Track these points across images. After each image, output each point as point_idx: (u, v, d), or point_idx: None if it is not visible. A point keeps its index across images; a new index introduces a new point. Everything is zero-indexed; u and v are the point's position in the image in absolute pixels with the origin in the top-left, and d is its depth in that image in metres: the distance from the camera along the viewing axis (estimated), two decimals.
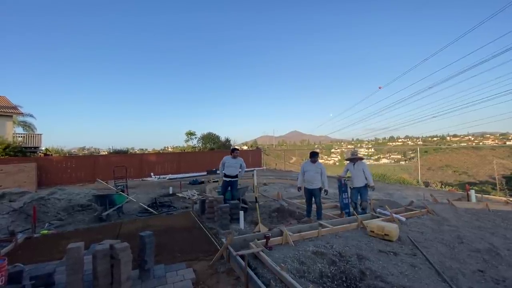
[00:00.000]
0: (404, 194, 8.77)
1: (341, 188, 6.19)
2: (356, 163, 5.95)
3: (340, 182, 6.20)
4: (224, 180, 6.39)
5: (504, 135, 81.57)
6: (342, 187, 6.19)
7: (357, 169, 5.88)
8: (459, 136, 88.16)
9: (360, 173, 5.82)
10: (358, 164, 5.94)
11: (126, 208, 7.08)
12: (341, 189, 6.20)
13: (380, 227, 4.24)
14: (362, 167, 5.88)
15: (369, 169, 5.99)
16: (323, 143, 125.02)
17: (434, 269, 3.23)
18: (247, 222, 5.57)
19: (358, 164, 5.94)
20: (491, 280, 3.03)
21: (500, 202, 7.10)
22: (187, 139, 26.13)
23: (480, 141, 77.65)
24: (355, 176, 5.88)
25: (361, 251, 3.72)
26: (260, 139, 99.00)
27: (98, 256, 2.70)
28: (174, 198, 8.66)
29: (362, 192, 5.81)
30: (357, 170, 5.87)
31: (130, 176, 15.10)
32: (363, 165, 5.92)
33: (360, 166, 5.90)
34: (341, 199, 6.18)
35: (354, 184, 5.89)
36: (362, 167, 5.87)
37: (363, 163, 5.98)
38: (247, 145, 53.04)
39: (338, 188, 6.28)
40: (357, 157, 6.03)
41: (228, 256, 3.54)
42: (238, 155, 6.50)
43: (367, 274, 3.09)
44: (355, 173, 5.89)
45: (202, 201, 6.24)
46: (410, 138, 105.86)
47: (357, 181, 5.84)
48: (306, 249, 3.78)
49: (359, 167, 5.89)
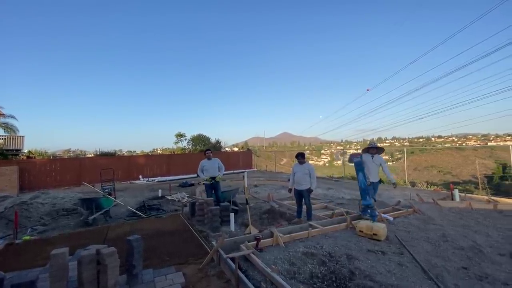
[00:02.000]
0: (392, 194, 8.96)
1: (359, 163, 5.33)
2: (375, 156, 5.50)
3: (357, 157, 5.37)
4: (205, 184, 6.32)
5: (486, 136, 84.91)
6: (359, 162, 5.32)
7: (374, 162, 5.45)
8: (444, 137, 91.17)
9: (377, 167, 5.42)
10: (376, 157, 5.49)
11: (114, 212, 6.91)
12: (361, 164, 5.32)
13: (368, 227, 4.31)
14: (380, 161, 5.48)
15: None
16: (313, 145, 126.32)
17: (420, 267, 3.31)
18: (237, 224, 5.54)
19: (376, 157, 5.49)
20: (474, 277, 3.12)
21: (482, 201, 7.36)
22: (176, 140, 25.83)
23: (463, 142, 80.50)
24: (371, 169, 5.41)
25: (351, 251, 3.77)
26: (251, 141, 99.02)
27: (84, 262, 2.63)
28: (163, 201, 8.51)
29: (375, 188, 5.42)
30: (374, 163, 5.44)
31: (118, 178, 14.80)
32: (381, 159, 5.50)
33: (378, 160, 5.48)
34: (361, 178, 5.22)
35: (370, 178, 5.40)
36: (380, 162, 5.46)
37: (381, 157, 5.54)
38: (237, 146, 52.90)
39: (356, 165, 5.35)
40: (378, 147, 5.52)
41: (219, 259, 3.51)
42: (211, 156, 6.43)
43: (356, 273, 3.13)
44: (371, 166, 5.42)
45: (192, 204, 6.16)
46: (397, 139, 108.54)
47: (373, 175, 5.41)
48: (296, 250, 3.80)
49: (377, 160, 5.45)
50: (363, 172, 5.28)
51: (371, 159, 5.47)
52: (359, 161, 5.34)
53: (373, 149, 5.53)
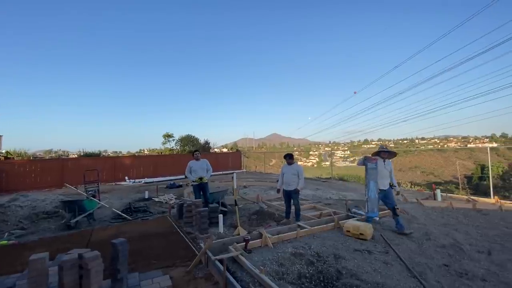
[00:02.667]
0: None
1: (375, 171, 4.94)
2: (386, 161, 5.05)
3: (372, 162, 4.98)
4: (193, 185, 6.26)
5: (466, 138, 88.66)
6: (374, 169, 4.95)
7: (386, 168, 5.01)
8: (426, 139, 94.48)
9: (388, 173, 5.01)
10: (388, 162, 5.07)
11: (98, 215, 6.71)
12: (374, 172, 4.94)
13: (355, 226, 4.39)
14: (391, 167, 5.08)
15: None
16: (302, 146, 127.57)
17: (404, 265, 3.40)
18: (226, 225, 5.50)
19: (388, 162, 5.07)
20: (455, 274, 3.25)
21: (462, 200, 7.66)
22: (164, 141, 25.39)
23: (444, 144, 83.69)
24: (384, 176, 4.98)
25: (338, 250, 3.82)
26: (240, 142, 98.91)
27: (65, 267, 2.53)
28: (150, 202, 8.34)
29: (389, 194, 5.00)
30: (386, 168, 5.00)
31: (103, 180, 14.35)
32: (391, 165, 5.10)
33: (389, 165, 5.07)
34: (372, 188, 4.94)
35: (381, 185, 4.98)
36: (390, 167, 5.07)
37: (391, 163, 5.13)
38: (227, 147, 52.71)
39: (369, 172, 4.99)
40: (389, 151, 5.10)
41: (207, 261, 3.47)
42: (199, 157, 6.39)
43: (343, 273, 3.18)
44: (383, 172, 4.97)
45: (180, 205, 6.07)
46: (383, 140, 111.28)
47: (386, 183, 4.98)
48: (285, 250, 3.81)
49: (388, 166, 5.03)
50: (376, 181, 4.92)
51: (383, 165, 5.00)
52: (374, 168, 4.92)
53: (384, 153, 5.05)
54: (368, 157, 5.12)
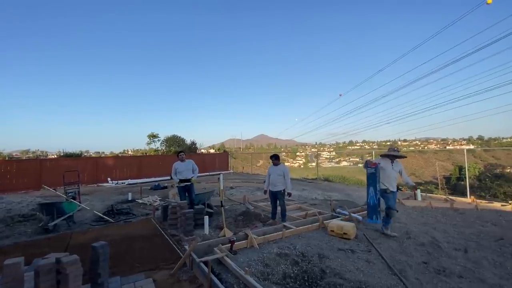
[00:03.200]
0: (361, 194, 9.38)
1: (373, 176, 4.83)
2: (394, 162, 4.89)
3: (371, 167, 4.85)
4: (179, 187, 6.16)
5: (445, 140, 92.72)
6: (373, 174, 4.82)
7: (394, 169, 4.84)
8: (408, 141, 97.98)
9: (397, 175, 4.87)
10: (396, 163, 4.92)
11: (78, 217, 6.46)
12: (373, 177, 4.83)
13: (339, 226, 4.48)
14: (400, 168, 4.91)
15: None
16: (289, 147, 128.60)
17: (386, 264, 3.50)
18: (212, 227, 5.45)
19: (396, 163, 4.92)
20: (433, 271, 3.37)
21: (441, 200, 7.98)
22: (149, 141, 24.89)
23: (425, 146, 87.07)
24: (392, 178, 4.81)
25: (322, 250, 3.88)
26: (227, 142, 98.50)
27: (42, 272, 2.42)
28: (133, 204, 8.13)
29: (394, 197, 4.87)
30: (395, 170, 4.84)
31: (84, 181, 13.87)
32: (400, 166, 4.93)
33: (398, 166, 4.91)
34: (372, 194, 4.85)
35: (389, 187, 4.77)
36: (400, 168, 4.90)
37: (400, 164, 4.98)
38: (214, 148, 52.31)
39: (369, 177, 4.91)
40: (398, 154, 4.92)
41: (191, 263, 3.43)
42: (184, 158, 6.31)
43: (327, 272, 3.23)
44: (392, 174, 4.81)
45: (164, 207, 5.96)
46: (367, 142, 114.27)
47: (393, 185, 4.81)
48: (270, 251, 3.83)
49: (397, 167, 4.88)
50: (375, 186, 4.78)
51: (391, 166, 4.84)
52: (373, 173, 4.80)
53: (393, 155, 4.89)
54: (369, 161, 5.01)
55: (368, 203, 4.93)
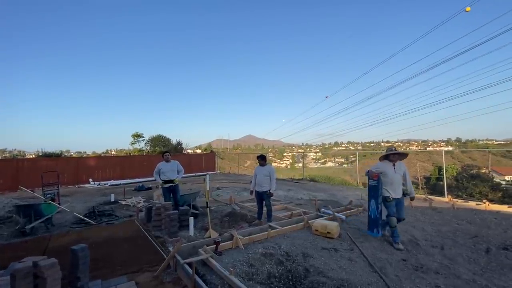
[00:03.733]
0: (346, 194, 9.61)
1: (375, 189, 4.50)
2: (396, 164, 4.38)
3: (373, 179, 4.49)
4: (163, 187, 6.07)
5: (425, 142, 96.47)
6: (375, 187, 4.48)
7: (398, 172, 4.34)
8: (391, 142, 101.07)
9: (401, 178, 4.37)
10: (399, 165, 4.40)
11: (57, 220, 6.22)
12: (375, 190, 4.50)
13: (323, 225, 4.57)
14: (404, 170, 4.41)
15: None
16: (276, 147, 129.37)
17: (367, 262, 3.61)
18: (197, 228, 5.41)
19: (399, 165, 4.40)
20: (411, 267, 3.51)
21: (420, 199, 8.29)
22: (133, 141, 24.28)
23: (407, 147, 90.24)
24: (395, 182, 4.29)
25: (306, 249, 3.94)
26: (214, 143, 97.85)
27: (18, 276, 2.33)
28: (116, 206, 7.92)
29: (400, 205, 4.38)
30: (398, 173, 4.34)
31: (64, 182, 13.37)
32: (404, 168, 4.44)
33: (402, 168, 4.40)
34: (373, 207, 4.54)
35: (393, 194, 4.29)
36: (403, 170, 4.41)
37: (403, 165, 4.47)
38: (200, 148, 51.78)
39: (370, 189, 4.63)
40: (399, 153, 4.43)
41: (175, 265, 3.39)
42: (169, 158, 6.24)
43: (311, 271, 3.29)
44: (395, 178, 4.30)
45: (148, 209, 5.85)
46: (352, 143, 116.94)
47: (397, 190, 4.29)
48: (255, 251, 3.85)
49: (400, 169, 4.37)
50: (376, 199, 4.45)
51: (393, 170, 4.32)
52: (376, 185, 4.43)
53: (394, 155, 4.38)
54: (371, 171, 4.55)
55: (369, 215, 4.66)
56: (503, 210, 6.68)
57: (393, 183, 4.31)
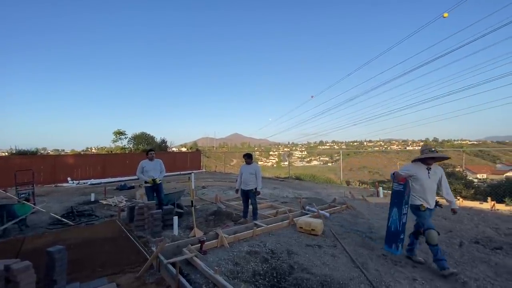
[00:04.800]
0: (330, 192, 9.81)
1: (399, 195, 3.78)
2: (432, 167, 3.60)
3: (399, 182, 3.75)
4: (146, 186, 5.91)
5: (405, 141, 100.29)
6: (400, 193, 3.76)
7: (432, 178, 3.56)
8: (373, 141, 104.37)
9: (435, 185, 3.60)
10: (435, 169, 3.61)
11: (32, 221, 5.91)
12: (399, 196, 3.78)
13: (307, 223, 4.64)
14: (441, 175, 3.60)
15: None
16: (262, 146, 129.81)
17: (349, 257, 3.70)
18: (182, 227, 5.33)
19: (435, 169, 3.61)
20: (391, 262, 3.64)
21: None
22: (115, 139, 23.46)
23: (388, 146, 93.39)
24: (427, 189, 3.54)
25: (291, 246, 4.00)
26: (200, 141, 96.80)
27: None
28: (96, 206, 7.65)
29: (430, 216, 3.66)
30: (432, 179, 3.56)
31: (40, 182, 12.77)
32: (441, 172, 3.63)
33: (438, 173, 3.59)
34: (394, 217, 3.86)
35: (427, 203, 3.55)
36: (440, 175, 3.60)
37: (440, 169, 3.66)
38: (186, 146, 51.00)
39: (393, 195, 3.90)
40: (438, 155, 3.62)
41: (159, 265, 3.33)
42: (154, 157, 6.09)
43: (295, 267, 3.34)
44: (428, 184, 3.53)
45: (131, 208, 5.69)
46: (336, 142, 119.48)
47: (430, 198, 3.56)
48: (240, 249, 3.85)
49: (435, 175, 3.58)
50: (400, 208, 3.76)
51: (426, 174, 3.55)
52: (401, 191, 3.73)
53: (431, 158, 3.57)
54: (397, 173, 3.78)
55: (389, 227, 3.91)
56: (475, 206, 7.08)
57: (425, 191, 3.54)
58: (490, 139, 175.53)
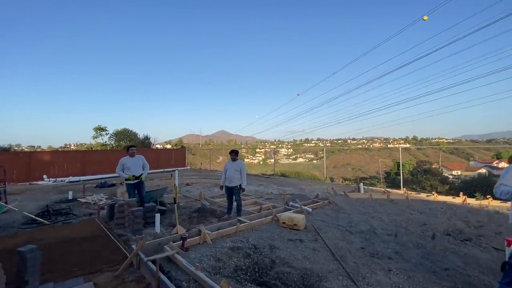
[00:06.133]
0: (313, 188, 9.99)
1: None
2: None
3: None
4: (127, 184, 5.69)
5: (387, 139, 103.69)
6: None
7: None
8: (356, 139, 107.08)
9: None
10: None
11: (4, 220, 5.62)
12: None
13: (290, 218, 4.71)
14: None
15: None
16: (249, 143, 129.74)
17: (329, 251, 3.80)
18: (164, 225, 5.25)
19: None
20: (369, 255, 3.78)
21: (380, 192, 8.93)
22: (96, 135, 22.68)
23: (370, 144, 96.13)
24: None
25: (273, 241, 4.04)
26: (186, 138, 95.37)
27: None
28: (74, 204, 7.37)
29: None
30: None
31: (13, 179, 12.16)
32: None
33: None
34: None
35: None
36: None
37: None
38: (171, 143, 50.10)
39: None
40: None
41: (139, 263, 3.27)
42: (135, 153, 5.87)
43: (276, 262, 3.38)
44: None
45: (111, 206, 5.53)
46: (321, 140, 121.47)
47: None
48: (223, 245, 3.86)
49: None
50: None
51: None
52: None
53: None
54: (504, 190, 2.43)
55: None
56: (448, 201, 7.46)
57: None
58: (465, 137, 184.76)
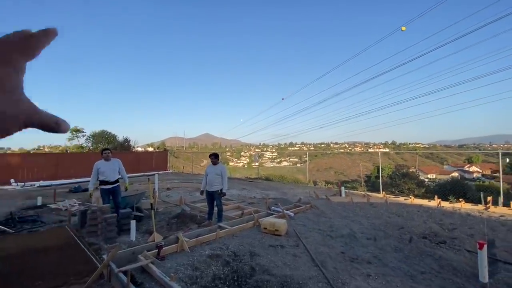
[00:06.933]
0: (296, 192, 10.01)
1: None
2: None
3: None
4: (102, 189, 5.35)
5: (368, 144, 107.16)
6: None
7: None
8: (339, 143, 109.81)
9: None
10: None
11: None
12: None
13: (271, 223, 4.65)
14: None
15: None
16: (234, 147, 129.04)
17: (310, 256, 3.77)
18: (140, 232, 5.01)
19: None
20: (349, 259, 3.78)
21: (360, 195, 9.10)
22: (71, 137, 21.59)
23: (352, 148, 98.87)
24: None
25: (254, 248, 3.96)
26: (169, 141, 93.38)
27: None
28: (44, 210, 6.89)
29: None
30: None
31: None
32: None
33: None
34: None
35: None
36: None
37: None
38: (153, 146, 48.73)
39: None
40: None
41: (110, 274, 3.06)
42: (110, 156, 5.50)
43: (256, 269, 3.30)
44: None
45: (83, 212, 5.21)
46: (305, 144, 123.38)
47: None
48: (202, 253, 3.72)
49: None
50: None
51: None
52: None
53: None
54: None
55: None
56: (424, 204, 7.72)
57: None
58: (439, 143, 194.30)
